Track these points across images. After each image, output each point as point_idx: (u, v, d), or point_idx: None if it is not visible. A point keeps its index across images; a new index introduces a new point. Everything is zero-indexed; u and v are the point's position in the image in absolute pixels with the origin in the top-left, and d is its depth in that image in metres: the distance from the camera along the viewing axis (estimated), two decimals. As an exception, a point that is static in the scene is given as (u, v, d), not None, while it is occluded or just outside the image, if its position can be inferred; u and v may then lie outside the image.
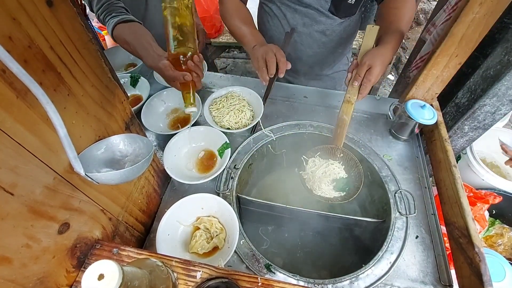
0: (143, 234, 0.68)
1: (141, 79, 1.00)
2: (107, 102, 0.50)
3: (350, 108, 0.73)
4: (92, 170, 0.42)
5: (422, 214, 0.73)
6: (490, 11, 0.62)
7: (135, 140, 0.50)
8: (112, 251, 0.50)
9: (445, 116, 0.99)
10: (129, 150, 0.49)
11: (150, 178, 0.69)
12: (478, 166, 1.05)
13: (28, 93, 0.34)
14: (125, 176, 0.44)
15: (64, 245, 0.44)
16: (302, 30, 0.94)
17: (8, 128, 0.32)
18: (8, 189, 0.33)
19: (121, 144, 0.49)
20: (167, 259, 0.49)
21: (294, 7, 0.89)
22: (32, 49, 0.34)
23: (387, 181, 0.79)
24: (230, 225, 0.66)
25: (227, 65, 2.83)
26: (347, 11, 0.88)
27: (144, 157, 0.47)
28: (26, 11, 0.33)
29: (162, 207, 0.74)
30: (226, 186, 0.77)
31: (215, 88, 1.03)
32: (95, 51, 0.45)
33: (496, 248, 0.98)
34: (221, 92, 0.95)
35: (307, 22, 0.92)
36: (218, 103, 0.92)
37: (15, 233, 0.36)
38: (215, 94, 0.94)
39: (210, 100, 0.92)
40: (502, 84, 0.78)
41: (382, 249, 0.67)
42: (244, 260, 0.65)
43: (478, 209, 0.93)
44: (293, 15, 0.91)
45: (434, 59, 0.75)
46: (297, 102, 0.98)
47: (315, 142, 0.92)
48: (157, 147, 0.87)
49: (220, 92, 0.95)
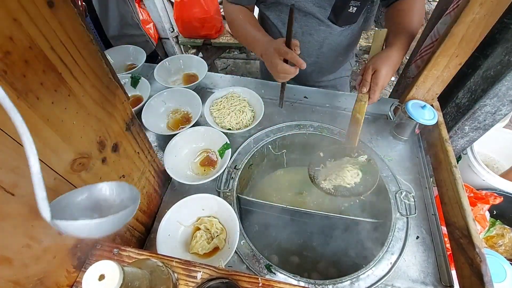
0: (144, 234, 0.68)
1: (141, 80, 1.00)
2: (107, 102, 0.50)
3: (363, 107, 0.72)
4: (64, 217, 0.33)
5: (422, 215, 0.73)
6: (490, 11, 0.62)
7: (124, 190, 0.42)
8: (113, 252, 0.50)
9: (446, 117, 0.99)
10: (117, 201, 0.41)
11: (150, 179, 0.69)
12: (478, 167, 1.05)
13: (29, 93, 0.35)
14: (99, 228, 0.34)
15: (64, 245, 0.44)
16: (300, 38, 0.92)
17: (9, 129, 0.32)
18: (9, 189, 0.33)
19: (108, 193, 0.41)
20: (168, 260, 0.49)
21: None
22: (33, 49, 0.35)
23: (387, 182, 0.79)
24: (231, 226, 0.66)
25: (228, 65, 2.84)
26: (348, 19, 0.86)
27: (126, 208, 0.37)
28: (27, 11, 0.33)
29: (162, 207, 0.74)
30: (227, 186, 0.77)
31: (216, 88, 1.03)
32: (96, 52, 0.45)
33: (496, 249, 0.98)
34: (221, 93, 0.95)
35: (306, 31, 0.90)
36: (218, 103, 0.92)
37: (16, 233, 0.36)
38: (216, 95, 0.94)
39: (210, 101, 0.92)
40: (502, 85, 0.78)
41: (383, 249, 0.67)
42: (244, 261, 0.65)
43: (479, 210, 0.92)
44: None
45: (434, 59, 0.75)
46: (297, 102, 0.98)
47: (315, 142, 0.92)
48: (158, 148, 0.87)
49: (221, 92, 0.95)
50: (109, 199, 0.41)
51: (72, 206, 0.38)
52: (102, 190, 0.41)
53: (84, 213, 0.38)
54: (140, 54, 1.13)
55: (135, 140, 0.60)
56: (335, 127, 0.90)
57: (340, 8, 0.81)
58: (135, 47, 1.16)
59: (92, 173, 0.47)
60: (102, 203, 0.41)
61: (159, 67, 1.03)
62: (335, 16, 0.83)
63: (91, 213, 0.39)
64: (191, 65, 1.10)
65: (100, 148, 0.49)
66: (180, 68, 1.10)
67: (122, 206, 0.39)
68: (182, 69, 1.10)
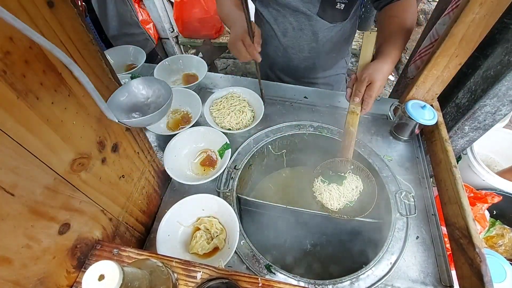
0: (144, 234, 0.68)
1: (141, 80, 1.00)
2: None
3: (356, 119, 0.72)
4: (121, 114, 0.47)
5: (422, 215, 0.73)
6: (490, 11, 0.62)
7: (153, 82, 0.53)
8: (113, 252, 0.50)
9: (446, 117, 0.99)
10: (150, 92, 0.53)
11: (150, 179, 0.69)
12: (478, 167, 1.05)
13: (29, 93, 0.35)
14: (151, 119, 0.48)
15: (64, 245, 0.44)
16: (292, 34, 0.93)
17: (8, 128, 0.32)
18: (9, 189, 0.33)
19: (142, 88, 0.52)
20: (168, 260, 0.49)
21: (283, 11, 0.89)
22: (33, 49, 0.35)
23: (387, 182, 0.79)
24: (231, 226, 0.66)
25: (228, 65, 2.84)
26: (336, 16, 0.86)
27: (165, 98, 0.50)
28: (27, 11, 0.33)
29: (162, 207, 0.74)
30: (227, 186, 0.77)
31: (216, 88, 1.03)
32: (96, 52, 0.46)
33: (496, 249, 0.98)
34: (221, 93, 0.95)
35: (296, 26, 0.91)
36: (218, 103, 0.92)
37: (16, 233, 0.36)
38: (216, 95, 0.94)
39: (210, 101, 0.92)
40: (502, 85, 0.78)
41: (383, 249, 0.67)
42: (244, 261, 0.65)
43: (478, 209, 0.92)
44: (283, 19, 0.91)
45: (434, 59, 0.75)
46: (297, 102, 0.98)
47: (315, 142, 0.92)
48: (158, 148, 0.87)
49: (221, 92, 0.95)
50: (144, 93, 0.52)
51: (121, 105, 0.49)
52: (136, 85, 0.52)
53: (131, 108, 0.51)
54: (140, 54, 1.13)
55: (135, 140, 0.60)
56: (335, 127, 0.90)
57: (327, 5, 0.82)
58: (135, 47, 1.16)
59: (92, 173, 0.47)
60: (139, 96, 0.52)
61: (159, 67, 1.03)
62: (324, 12, 0.84)
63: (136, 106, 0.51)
64: (191, 65, 1.10)
65: (100, 148, 0.49)
66: (180, 68, 1.10)
67: (156, 96, 0.53)
68: (182, 69, 1.10)
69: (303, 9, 0.85)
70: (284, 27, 0.93)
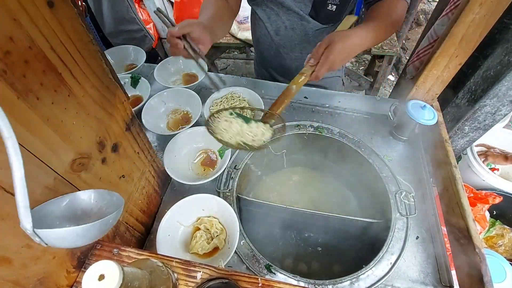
0: (144, 234, 0.68)
1: (141, 80, 1.00)
2: (107, 102, 0.50)
3: (302, 81, 0.67)
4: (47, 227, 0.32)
5: (422, 215, 0.73)
6: (490, 11, 0.62)
7: (104, 196, 0.42)
8: (113, 252, 0.50)
9: (446, 117, 0.99)
10: (95, 209, 0.41)
11: (150, 179, 0.69)
12: (478, 167, 1.05)
13: (29, 93, 0.35)
14: (82, 235, 0.34)
15: (64, 245, 0.44)
16: (284, 33, 0.93)
17: (9, 128, 0.32)
18: (9, 189, 0.33)
19: (87, 201, 0.41)
20: (168, 260, 0.49)
21: (276, 10, 0.89)
22: (33, 49, 0.35)
23: (387, 182, 0.79)
24: (231, 226, 0.66)
25: (228, 65, 2.84)
26: (328, 17, 0.85)
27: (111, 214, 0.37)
28: (27, 11, 0.33)
29: (162, 207, 0.74)
30: (227, 186, 0.77)
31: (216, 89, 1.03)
32: (96, 52, 0.45)
33: (496, 249, 0.98)
34: (221, 93, 0.95)
35: (289, 26, 0.91)
36: (218, 104, 0.92)
37: (16, 233, 0.36)
38: (216, 95, 0.94)
39: (210, 101, 0.92)
40: (502, 85, 0.78)
41: (383, 249, 0.67)
42: (244, 261, 0.65)
43: (478, 210, 0.92)
44: (276, 18, 0.91)
45: (434, 59, 0.75)
46: (297, 102, 0.98)
47: (316, 143, 0.93)
48: (158, 148, 0.87)
49: (221, 92, 0.95)
50: (87, 207, 0.41)
51: (52, 216, 0.37)
52: (81, 198, 0.41)
53: (64, 222, 0.38)
54: (140, 54, 1.13)
55: (135, 140, 0.60)
56: (335, 127, 0.90)
57: (319, 6, 0.82)
58: (135, 47, 1.16)
59: (92, 173, 0.47)
60: (79, 211, 0.40)
61: (159, 67, 1.03)
62: (315, 12, 0.84)
63: (70, 223, 0.38)
64: (191, 65, 1.10)
65: (100, 148, 0.49)
66: (180, 68, 1.10)
67: (102, 214, 0.40)
68: (182, 69, 1.10)
69: (295, 9, 0.85)
70: (277, 25, 0.93)
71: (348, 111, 0.96)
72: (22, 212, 0.29)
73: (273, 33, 0.95)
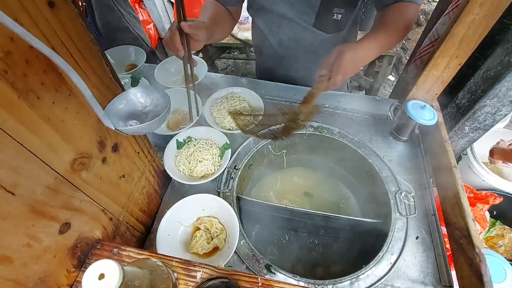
0: (144, 234, 0.69)
1: (142, 80, 1.01)
2: (108, 102, 0.50)
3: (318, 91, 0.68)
4: (118, 123, 0.48)
5: (422, 215, 0.73)
6: (490, 12, 0.62)
7: (151, 91, 0.54)
8: (113, 251, 0.50)
9: (446, 117, 0.99)
10: (148, 101, 0.53)
11: (150, 179, 0.69)
12: (478, 167, 1.05)
13: (30, 93, 0.35)
14: (149, 128, 0.49)
15: (65, 244, 0.44)
16: (287, 44, 0.91)
17: (9, 128, 0.32)
18: (10, 189, 0.34)
19: (140, 96, 0.53)
20: (168, 259, 0.49)
21: (278, 22, 0.86)
22: (34, 49, 0.34)
23: (387, 182, 0.79)
24: (231, 226, 0.66)
25: (228, 65, 2.84)
26: (333, 27, 0.83)
27: (163, 107, 0.51)
28: (28, 12, 0.33)
29: (162, 207, 0.74)
30: (227, 186, 0.77)
31: (216, 89, 1.03)
32: (96, 52, 0.46)
33: (497, 249, 0.98)
34: (221, 93, 0.95)
35: (292, 37, 0.88)
36: (219, 104, 0.92)
37: (16, 232, 0.36)
38: (216, 95, 0.94)
39: (211, 101, 0.93)
40: (502, 85, 0.78)
41: (383, 249, 0.67)
42: (244, 261, 0.65)
43: (478, 210, 0.92)
44: (278, 29, 0.88)
45: (434, 60, 0.75)
46: (297, 103, 0.98)
47: (316, 143, 0.93)
48: (158, 148, 0.87)
49: (221, 93, 0.95)
50: (142, 101, 0.53)
51: (118, 113, 0.50)
52: (134, 94, 0.52)
53: (128, 116, 0.51)
54: (141, 54, 1.13)
55: (135, 140, 0.60)
56: (335, 127, 0.90)
57: (324, 16, 0.79)
58: (135, 47, 1.16)
59: (92, 173, 0.47)
60: (138, 105, 0.53)
61: (160, 67, 1.04)
62: (320, 23, 0.81)
63: (133, 115, 0.52)
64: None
65: (100, 148, 0.49)
66: (180, 68, 1.10)
67: (154, 105, 0.53)
68: (182, 69, 1.10)
69: (299, 20, 0.82)
70: (280, 37, 0.90)
71: (348, 111, 0.96)
72: (102, 118, 0.42)
73: (276, 45, 0.93)
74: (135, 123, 0.51)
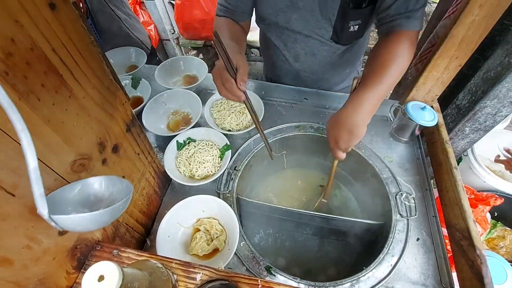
0: (143, 235, 0.68)
1: (142, 81, 1.01)
2: (108, 103, 0.50)
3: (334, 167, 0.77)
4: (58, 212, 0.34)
5: (423, 216, 0.73)
6: (490, 13, 0.62)
7: (114, 182, 0.44)
8: (112, 253, 0.50)
9: (446, 118, 0.99)
10: (106, 194, 0.43)
11: (150, 180, 0.69)
12: (479, 168, 1.05)
13: (30, 95, 0.35)
14: (92, 221, 0.36)
15: (64, 246, 0.44)
16: (304, 59, 0.90)
17: (10, 129, 0.32)
18: (10, 190, 0.34)
19: (98, 187, 0.43)
20: (167, 261, 0.49)
21: (294, 37, 0.85)
22: (34, 51, 0.35)
23: (387, 183, 0.79)
24: (231, 227, 0.66)
25: (228, 67, 2.84)
26: (351, 38, 0.81)
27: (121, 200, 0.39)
28: (28, 13, 0.33)
29: (162, 208, 0.74)
30: (227, 187, 0.77)
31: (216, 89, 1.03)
32: (97, 53, 0.46)
33: (498, 251, 0.97)
34: (221, 94, 0.95)
35: (309, 52, 0.87)
36: (219, 105, 0.92)
37: (16, 234, 0.36)
38: (216, 96, 0.94)
39: (211, 102, 0.93)
40: (502, 86, 0.78)
41: (383, 251, 0.67)
42: (244, 262, 0.65)
43: (480, 211, 0.92)
44: (294, 44, 0.87)
45: (434, 61, 0.75)
46: (297, 103, 0.99)
47: (315, 144, 0.92)
48: (158, 149, 0.87)
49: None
50: (98, 193, 0.43)
51: (65, 201, 0.40)
52: (92, 184, 0.43)
53: (76, 207, 0.41)
54: (141, 56, 1.14)
55: (135, 141, 0.60)
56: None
57: (340, 29, 0.77)
58: (136, 49, 1.17)
59: (92, 174, 0.47)
60: (92, 197, 0.43)
61: (160, 69, 1.04)
62: (337, 36, 0.80)
63: (83, 207, 0.41)
64: (191, 67, 1.10)
65: (100, 149, 0.49)
66: (180, 69, 1.10)
67: (112, 200, 0.42)
68: (182, 71, 1.10)
69: (315, 36, 0.81)
70: (296, 52, 0.89)
71: (349, 112, 0.96)
72: (38, 199, 0.31)
73: (292, 60, 0.92)
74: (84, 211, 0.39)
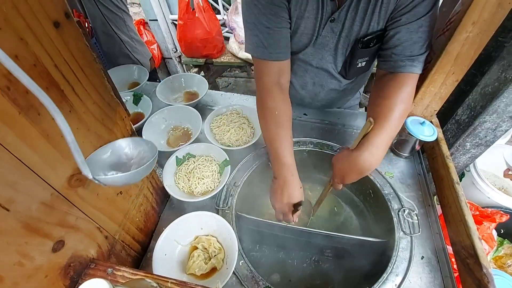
0: (140, 253, 0.67)
1: (143, 97, 1.02)
2: (108, 119, 0.50)
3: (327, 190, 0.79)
4: (99, 173, 0.44)
5: (427, 233, 0.71)
6: (483, 30, 0.63)
7: (139, 143, 0.52)
8: (107, 271, 0.49)
9: (446, 133, 0.99)
10: (134, 153, 0.51)
11: (148, 196, 0.68)
12: (482, 184, 1.03)
13: (31, 109, 0.35)
14: (129, 179, 0.45)
15: (57, 263, 0.43)
16: (311, 88, 0.92)
17: (8, 143, 0.32)
18: (5, 205, 0.33)
19: (127, 148, 0.51)
20: (163, 280, 0.48)
21: (305, 68, 0.86)
22: (37, 67, 0.36)
23: (389, 199, 0.77)
24: (229, 245, 0.64)
25: (229, 83, 2.89)
26: (358, 72, 0.84)
27: (149, 159, 0.48)
28: (33, 31, 0.34)
29: (160, 225, 0.73)
30: (226, 203, 0.76)
31: (216, 106, 1.05)
32: (99, 70, 0.47)
33: (506, 269, 0.94)
34: (221, 110, 0.96)
35: (317, 82, 0.89)
36: (218, 120, 0.93)
37: (9, 250, 0.35)
38: (216, 112, 0.95)
39: (211, 118, 0.93)
40: (501, 101, 0.79)
41: (387, 270, 0.65)
42: (243, 282, 0.62)
43: (485, 228, 0.90)
44: (303, 74, 0.88)
45: (431, 76, 0.76)
46: (297, 119, 0.99)
47: (315, 159, 0.92)
48: (157, 165, 0.87)
49: (221, 109, 0.96)
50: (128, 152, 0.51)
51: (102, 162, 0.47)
52: (121, 145, 0.50)
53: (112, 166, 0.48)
54: (143, 73, 1.16)
55: (134, 156, 0.60)
56: (334, 143, 0.90)
57: (349, 65, 0.80)
58: (138, 66, 1.20)
59: (89, 190, 0.47)
60: (124, 156, 0.50)
61: (161, 85, 1.06)
62: (345, 71, 0.83)
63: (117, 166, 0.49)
64: (192, 83, 1.12)
65: (98, 164, 0.49)
66: (181, 86, 1.12)
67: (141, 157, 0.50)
68: (183, 87, 1.12)
69: (326, 67, 0.83)
70: (304, 81, 0.91)
71: (348, 127, 0.97)
72: (81, 165, 0.38)
73: (299, 87, 0.94)
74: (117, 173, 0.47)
